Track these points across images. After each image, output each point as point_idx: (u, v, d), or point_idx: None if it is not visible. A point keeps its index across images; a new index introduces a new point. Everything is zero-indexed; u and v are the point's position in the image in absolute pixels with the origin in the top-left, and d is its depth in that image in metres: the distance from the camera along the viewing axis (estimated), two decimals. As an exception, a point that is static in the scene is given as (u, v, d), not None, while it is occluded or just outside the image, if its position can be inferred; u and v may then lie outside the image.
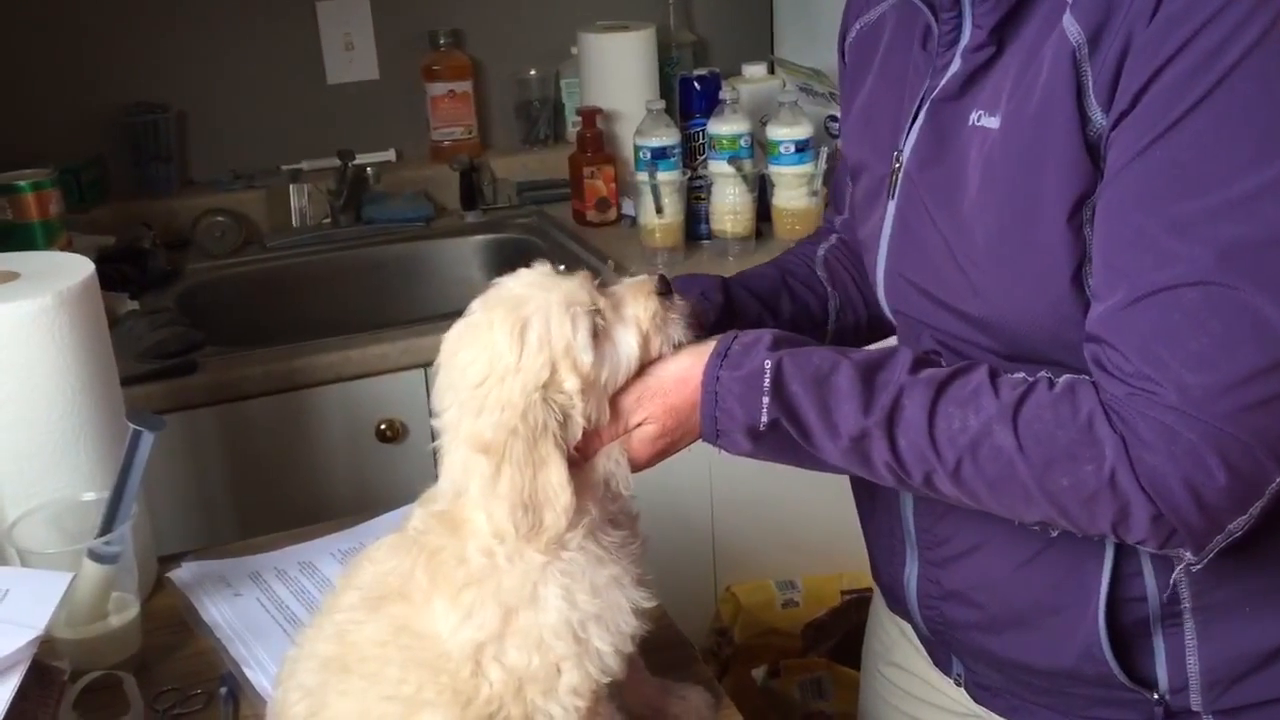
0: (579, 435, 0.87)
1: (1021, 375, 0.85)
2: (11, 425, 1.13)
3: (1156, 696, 0.94)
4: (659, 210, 2.02)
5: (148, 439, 1.09)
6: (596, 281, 0.92)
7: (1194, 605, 0.91)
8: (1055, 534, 0.90)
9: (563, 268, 0.92)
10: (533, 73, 2.40)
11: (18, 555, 1.11)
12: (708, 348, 0.89)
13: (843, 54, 1.12)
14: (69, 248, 1.89)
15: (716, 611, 2.06)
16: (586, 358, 0.85)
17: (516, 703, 0.86)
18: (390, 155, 2.37)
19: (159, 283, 2.02)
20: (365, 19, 2.30)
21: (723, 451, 0.90)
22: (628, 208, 2.20)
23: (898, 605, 1.10)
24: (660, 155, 2.03)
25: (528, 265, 0.91)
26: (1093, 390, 0.81)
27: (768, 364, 0.85)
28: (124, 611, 1.13)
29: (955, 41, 0.92)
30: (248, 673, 1.12)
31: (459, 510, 0.88)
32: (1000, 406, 0.82)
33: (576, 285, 0.88)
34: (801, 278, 1.15)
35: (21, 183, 1.89)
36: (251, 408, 1.75)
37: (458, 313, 0.91)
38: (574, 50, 2.38)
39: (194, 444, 1.73)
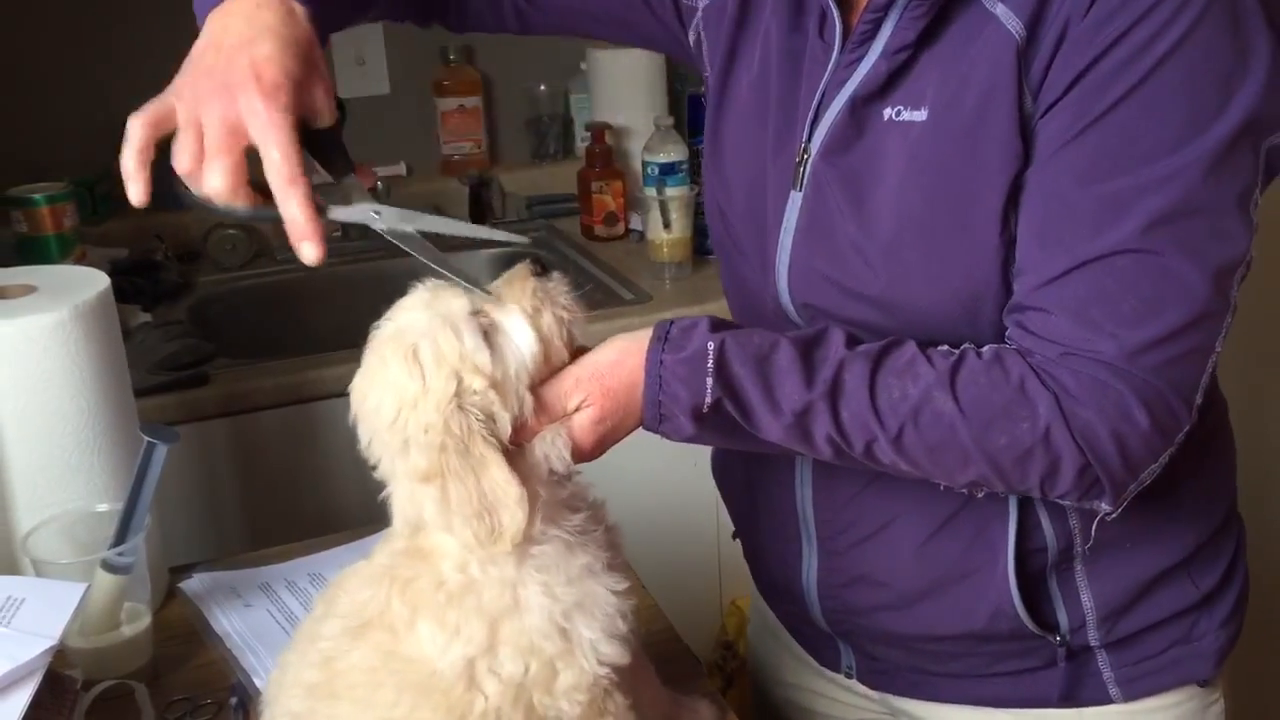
0: (509, 430, 0.87)
1: (946, 347, 0.89)
2: (27, 437, 1.15)
3: (1059, 638, 1.01)
4: (667, 225, 2.03)
5: (161, 451, 1.11)
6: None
7: (1083, 548, 0.99)
8: (973, 497, 0.94)
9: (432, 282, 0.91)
10: (542, 88, 2.42)
11: (32, 565, 1.12)
12: (643, 334, 0.90)
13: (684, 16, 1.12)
14: (83, 260, 1.91)
15: (722, 625, 2.06)
16: (483, 357, 0.86)
17: (516, 709, 0.86)
18: (401, 169, 2.39)
19: (171, 295, 2.04)
20: (377, 34, 2.32)
21: (665, 439, 0.91)
22: (636, 223, 2.21)
23: (791, 604, 1.13)
24: (668, 171, 2.05)
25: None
26: (1018, 355, 0.87)
27: (710, 345, 0.87)
28: (136, 621, 1.14)
29: (870, 37, 0.93)
30: (258, 683, 1.13)
31: (421, 542, 0.89)
32: (937, 374, 0.86)
33: (451, 297, 0.89)
34: None
35: (36, 196, 1.92)
36: (262, 419, 1.77)
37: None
38: (583, 66, 2.40)
39: (205, 455, 1.75)
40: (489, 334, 0.88)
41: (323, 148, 0.88)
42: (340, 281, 2.21)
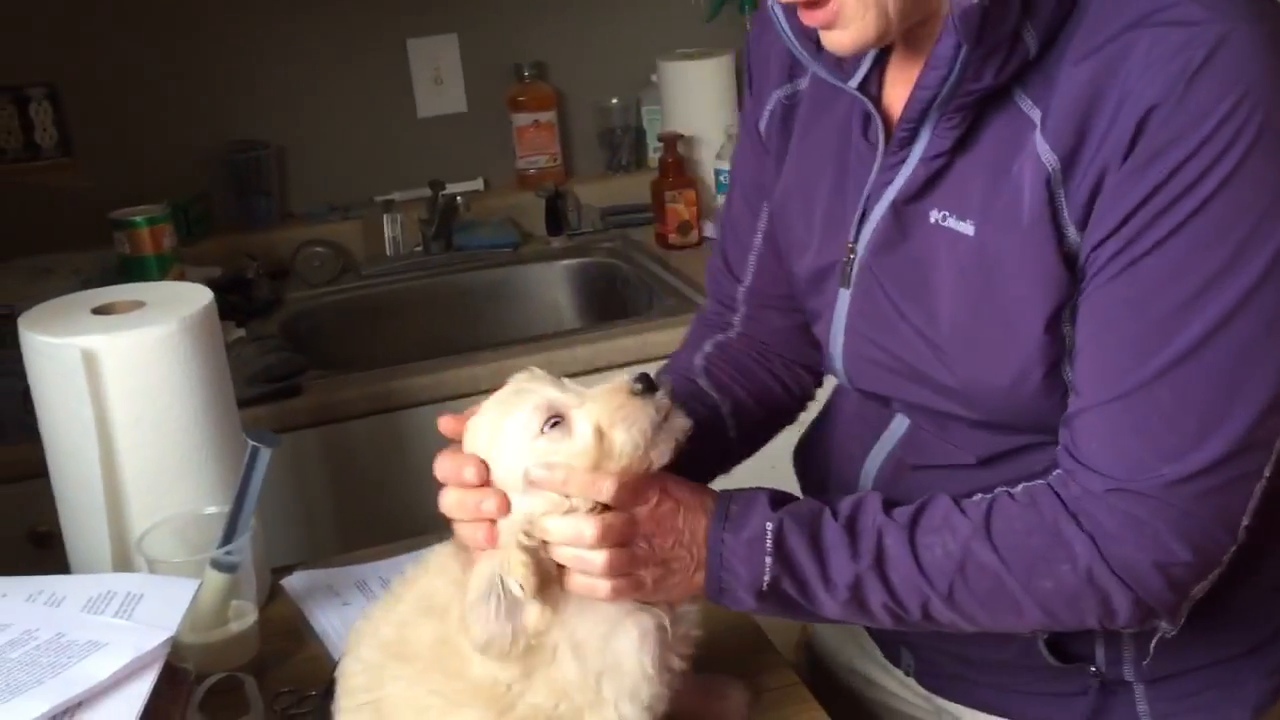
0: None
1: (979, 495, 0.91)
2: (141, 444, 1.21)
3: (1094, 670, 1.01)
4: (739, 232, 2.06)
5: (265, 454, 1.16)
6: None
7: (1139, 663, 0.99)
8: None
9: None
10: (614, 101, 2.47)
11: (147, 564, 1.18)
12: (702, 504, 0.92)
13: (755, 121, 1.12)
14: (181, 278, 1.99)
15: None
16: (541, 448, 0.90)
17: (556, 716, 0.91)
18: (479, 184, 2.45)
19: (263, 311, 2.11)
20: (453, 54, 2.38)
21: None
22: (709, 230, 2.24)
23: None
24: (740, 178, 2.07)
25: (611, 288, 0.96)
26: (1051, 494, 0.88)
27: (769, 525, 0.91)
28: (243, 618, 1.20)
29: (910, 142, 0.94)
30: (358, 675, 1.18)
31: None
32: (973, 526, 0.89)
33: (550, 385, 0.94)
34: (689, 396, 1.10)
35: (137, 218, 2.00)
36: (352, 428, 1.83)
37: (545, 336, 0.94)
38: (654, 78, 2.44)
39: (299, 463, 1.81)
40: (557, 429, 0.91)
41: None
42: (422, 295, 2.27)
